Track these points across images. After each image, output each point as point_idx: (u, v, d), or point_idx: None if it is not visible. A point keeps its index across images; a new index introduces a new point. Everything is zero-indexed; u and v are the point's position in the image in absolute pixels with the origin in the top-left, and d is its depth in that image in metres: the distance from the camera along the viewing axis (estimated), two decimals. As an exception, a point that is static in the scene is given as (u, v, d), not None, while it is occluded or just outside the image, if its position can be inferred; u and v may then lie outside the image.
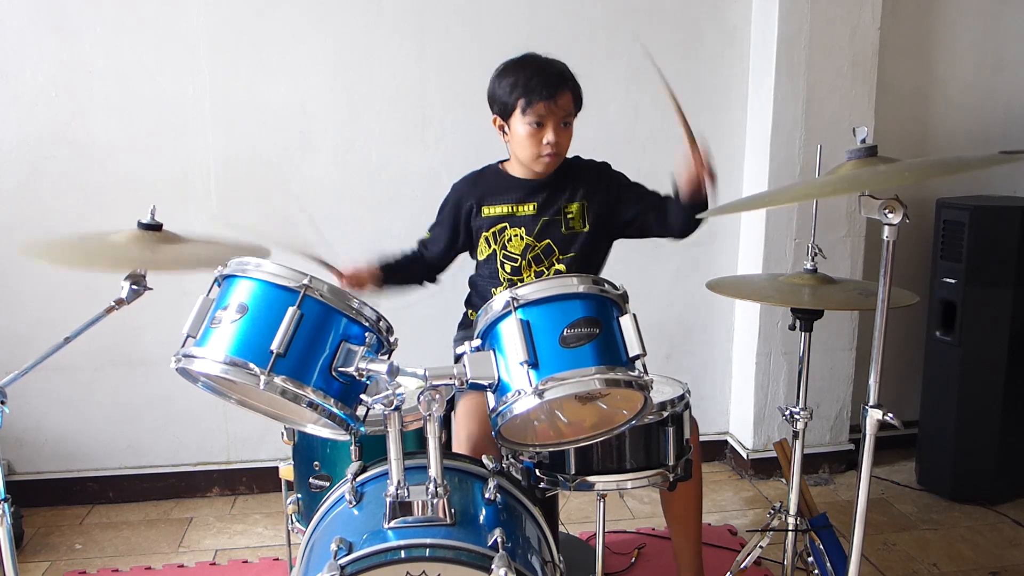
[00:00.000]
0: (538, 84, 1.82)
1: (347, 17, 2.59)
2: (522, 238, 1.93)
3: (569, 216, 1.94)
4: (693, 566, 1.95)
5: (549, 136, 1.84)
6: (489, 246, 1.97)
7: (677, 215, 1.86)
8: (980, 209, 2.59)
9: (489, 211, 1.96)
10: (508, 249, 1.95)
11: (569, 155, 2.00)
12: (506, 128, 1.90)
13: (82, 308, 1.57)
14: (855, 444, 2.96)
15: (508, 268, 1.95)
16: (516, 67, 1.88)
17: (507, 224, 1.95)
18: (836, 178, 1.38)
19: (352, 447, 1.61)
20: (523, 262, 1.94)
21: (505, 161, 2.01)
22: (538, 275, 1.93)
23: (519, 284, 1.40)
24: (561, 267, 1.93)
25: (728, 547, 2.39)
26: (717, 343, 3.02)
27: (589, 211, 1.95)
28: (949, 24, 2.91)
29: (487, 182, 2.01)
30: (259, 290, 1.30)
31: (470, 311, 2.07)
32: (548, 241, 1.93)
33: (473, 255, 2.04)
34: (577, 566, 2.05)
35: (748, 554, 1.94)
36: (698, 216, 1.77)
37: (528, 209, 1.94)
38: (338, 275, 1.82)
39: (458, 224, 2.00)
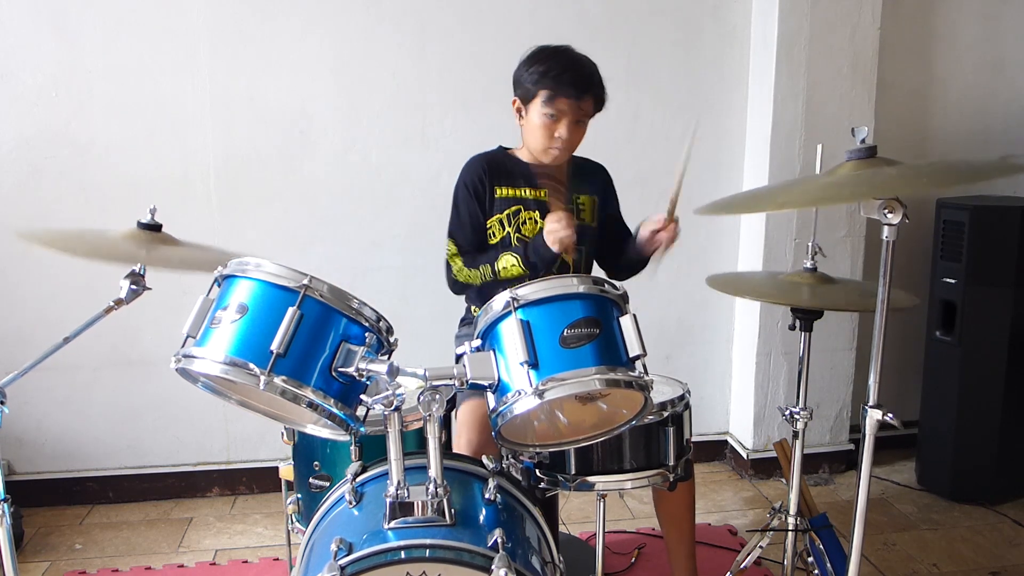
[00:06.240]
0: (568, 81, 1.80)
1: (347, 17, 2.59)
2: (537, 221, 1.91)
3: (581, 207, 1.94)
4: (687, 567, 1.95)
5: (561, 131, 1.82)
6: (503, 228, 1.93)
7: (626, 256, 1.93)
8: (980, 209, 2.59)
9: (502, 192, 1.93)
10: (522, 232, 1.92)
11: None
12: (523, 112, 1.88)
13: (82, 308, 1.57)
14: (855, 444, 2.96)
15: None
16: (549, 56, 1.84)
17: (521, 207, 1.92)
18: (847, 179, 1.36)
19: (352, 447, 1.61)
20: None
21: (512, 148, 2.00)
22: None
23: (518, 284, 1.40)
24: (569, 258, 1.89)
25: (728, 547, 2.39)
26: (717, 343, 3.01)
27: (598, 208, 1.96)
28: (949, 24, 2.91)
29: (498, 163, 1.96)
30: (259, 290, 1.30)
31: (472, 307, 2.06)
32: None
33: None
34: (577, 566, 2.05)
35: (748, 554, 1.94)
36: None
37: (539, 194, 1.92)
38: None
39: (480, 198, 1.92)
